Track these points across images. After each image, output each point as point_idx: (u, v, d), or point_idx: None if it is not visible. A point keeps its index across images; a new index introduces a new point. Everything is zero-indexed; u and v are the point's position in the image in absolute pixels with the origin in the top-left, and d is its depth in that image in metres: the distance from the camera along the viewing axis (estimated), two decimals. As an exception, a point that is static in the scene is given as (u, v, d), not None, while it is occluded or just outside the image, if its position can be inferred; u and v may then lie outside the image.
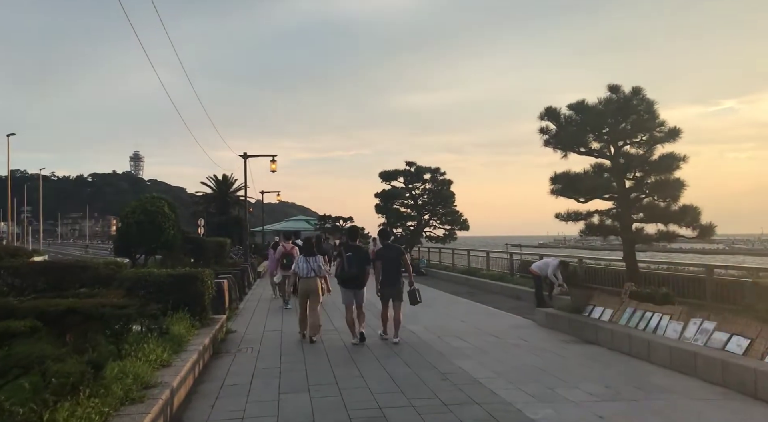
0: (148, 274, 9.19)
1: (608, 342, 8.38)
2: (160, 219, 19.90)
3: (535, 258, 18.03)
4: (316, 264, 9.30)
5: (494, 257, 20.65)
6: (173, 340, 7.18)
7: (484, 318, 11.66)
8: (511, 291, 16.28)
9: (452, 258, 24.83)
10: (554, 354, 8.06)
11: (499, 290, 17.06)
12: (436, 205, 29.56)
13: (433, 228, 30.52)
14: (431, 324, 10.92)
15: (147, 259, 22.05)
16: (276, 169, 27.33)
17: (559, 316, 9.96)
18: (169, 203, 21.28)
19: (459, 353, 8.14)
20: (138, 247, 21.37)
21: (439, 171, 29.40)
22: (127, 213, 20.33)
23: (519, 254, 19.98)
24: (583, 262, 14.24)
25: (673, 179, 9.16)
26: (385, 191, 29.56)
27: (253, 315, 12.79)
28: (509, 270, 18.47)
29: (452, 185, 29.34)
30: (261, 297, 17.28)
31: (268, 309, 13.87)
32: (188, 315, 8.69)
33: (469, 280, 19.82)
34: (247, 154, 27.22)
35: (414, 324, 10.91)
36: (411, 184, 29.72)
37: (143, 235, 19.79)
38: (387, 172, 29.76)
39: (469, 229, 29.43)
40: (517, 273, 18.30)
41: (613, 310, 8.98)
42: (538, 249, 72.23)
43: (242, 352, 8.61)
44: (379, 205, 29.81)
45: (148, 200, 20.72)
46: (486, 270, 20.15)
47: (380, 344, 8.95)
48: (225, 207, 60.55)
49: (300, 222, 71.29)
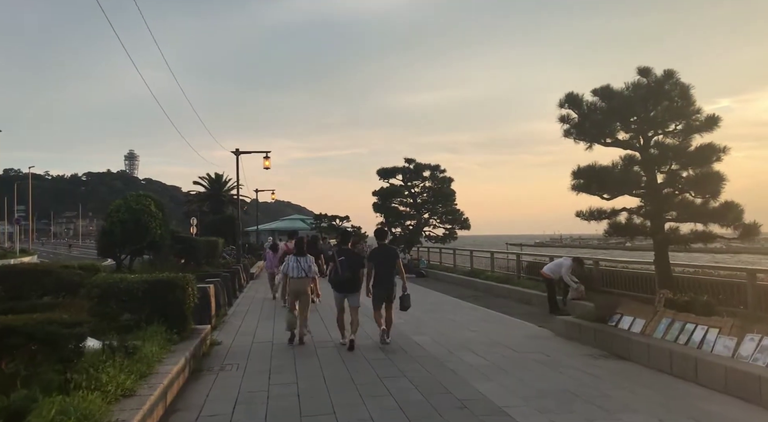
0: (120, 281, 8.11)
1: (643, 358, 7.36)
2: (146, 218, 18.80)
3: (545, 260, 17.04)
4: (307, 265, 9.14)
5: (500, 258, 19.61)
6: (143, 361, 6.11)
7: (495, 327, 10.62)
8: (519, 295, 15.25)
9: (453, 259, 23.79)
10: (584, 372, 7.02)
11: (506, 294, 16.03)
12: (436, 204, 28.57)
13: (433, 227, 29.53)
14: (438, 334, 9.88)
15: (132, 260, 20.98)
16: (270, 165, 26.25)
17: (582, 326, 8.93)
18: (155, 201, 20.16)
19: (475, 372, 7.09)
20: (123, 248, 20.32)
21: (439, 168, 28.39)
22: (111, 211, 19.21)
23: (526, 255, 18.91)
24: (599, 264, 13.20)
25: (713, 172, 8.13)
26: (384, 189, 28.54)
27: (242, 323, 11.72)
28: (516, 273, 17.43)
29: (452, 183, 28.33)
30: (253, 300, 16.21)
31: (259, 315, 12.80)
32: (165, 327, 7.64)
33: (473, 283, 18.79)
34: (239, 150, 26.15)
35: (419, 334, 9.87)
36: (410, 182, 28.71)
37: (128, 235, 18.68)
38: (385, 169, 28.74)
39: (470, 228, 28.43)
40: (524, 275, 17.28)
41: (645, 320, 7.96)
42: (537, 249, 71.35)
43: (226, 370, 7.55)
44: (377, 203, 28.78)
45: (133, 198, 19.60)
46: (491, 272, 19.11)
47: (383, 360, 7.91)
48: (219, 206, 59.41)
49: (296, 221, 70.19)
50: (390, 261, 8.90)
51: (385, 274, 8.82)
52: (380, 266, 8.82)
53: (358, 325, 8.88)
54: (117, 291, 7.91)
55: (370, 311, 9.26)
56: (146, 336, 7.18)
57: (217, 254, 28.27)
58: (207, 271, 25.81)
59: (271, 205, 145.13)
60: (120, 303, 7.90)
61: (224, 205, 58.92)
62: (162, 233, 19.88)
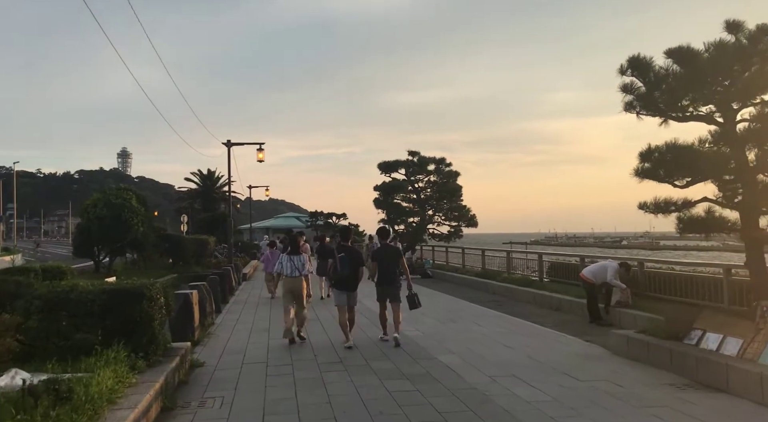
0: (70, 290, 6.32)
1: (753, 391, 5.63)
2: (126, 214, 17.02)
3: (570, 261, 15.36)
4: (300, 263, 9.11)
5: (517, 258, 17.89)
6: (83, 407, 4.34)
7: (533, 342, 8.89)
8: (545, 300, 13.54)
9: (462, 259, 22.05)
10: (681, 413, 5.30)
11: (529, 298, 14.30)
12: (441, 199, 26.78)
13: (437, 224, 27.78)
14: (468, 351, 8.15)
15: (112, 261, 19.16)
16: (263, 158, 24.47)
17: (651, 345, 7.21)
18: (138, 195, 18.38)
19: (537, 414, 5.34)
20: (102, 247, 18.51)
21: (444, 161, 26.63)
22: (88, 206, 17.42)
23: (548, 255, 17.18)
24: (644, 266, 11.48)
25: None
26: (386, 183, 26.74)
27: (231, 336, 9.95)
28: (538, 275, 15.72)
29: (459, 177, 26.57)
30: (245, 305, 14.43)
31: (252, 325, 11.04)
32: (128, 350, 5.88)
33: (488, 285, 17.06)
34: (230, 141, 24.32)
35: (445, 351, 8.13)
36: (414, 176, 26.94)
37: (106, 233, 16.90)
38: (387, 162, 26.95)
39: (477, 226, 26.68)
40: (547, 277, 15.58)
41: (742, 340, 6.25)
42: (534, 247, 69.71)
43: (207, 407, 5.79)
44: (378, 198, 27.01)
45: (112, 192, 17.80)
46: (507, 274, 17.40)
47: (411, 394, 6.16)
48: (211, 203, 57.52)
49: (290, 219, 68.56)
50: (393, 260, 8.87)
51: (389, 273, 8.79)
52: (384, 265, 8.80)
53: (354, 323, 8.99)
54: (66, 304, 6.14)
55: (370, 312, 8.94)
56: (100, 364, 5.42)
57: (207, 253, 26.48)
58: (196, 272, 23.99)
59: (265, 203, 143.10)
60: (71, 319, 6.13)
61: (217, 202, 57.05)
62: (145, 230, 18.11)
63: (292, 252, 9.25)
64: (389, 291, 8.78)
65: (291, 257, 9.15)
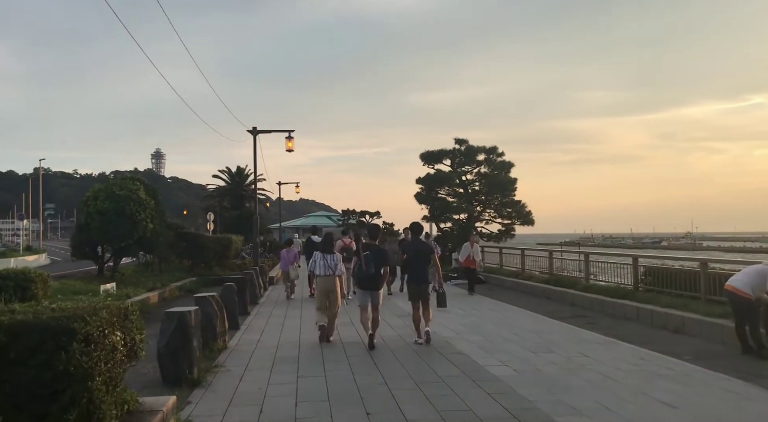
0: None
1: None
2: (132, 208, 14.42)
3: (672, 266, 12.20)
4: (334, 263, 8.85)
5: (598, 262, 14.74)
6: None
7: (690, 391, 5.87)
8: (655, 318, 10.45)
9: (522, 262, 18.96)
10: None
11: (628, 314, 11.20)
12: (492, 194, 23.73)
13: (485, 222, 24.74)
14: (604, 412, 5.18)
15: (117, 263, 16.64)
16: (293, 147, 21.80)
17: None
18: (146, 186, 15.77)
19: None
20: (104, 246, 16.00)
21: (495, 151, 23.57)
22: (87, 199, 14.88)
23: (644, 257, 13.98)
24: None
25: None
26: (429, 175, 23.79)
27: (247, 368, 7.18)
28: (632, 283, 12.58)
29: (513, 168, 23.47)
30: (270, 318, 11.70)
31: (276, 348, 8.28)
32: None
33: (563, 295, 13.99)
34: (257, 128, 21.74)
35: (567, 411, 5.16)
36: (460, 168, 23.93)
37: (108, 230, 14.37)
38: (430, 152, 24.01)
39: (533, 224, 23.55)
40: (642, 286, 12.45)
41: None
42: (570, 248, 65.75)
43: None
44: (420, 192, 24.11)
45: (117, 182, 15.25)
46: (586, 281, 14.30)
47: None
48: (240, 201, 55.39)
49: (321, 218, 66.19)
50: (424, 257, 8.58)
51: (419, 269, 8.58)
52: (413, 261, 8.59)
53: (378, 324, 8.57)
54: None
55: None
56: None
57: (230, 254, 23.91)
58: (218, 275, 21.51)
59: (296, 203, 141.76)
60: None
61: (246, 200, 54.88)
62: (155, 227, 15.52)
63: (326, 250, 8.88)
64: (420, 290, 8.51)
65: (325, 256, 8.81)
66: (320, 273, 8.79)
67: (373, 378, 6.56)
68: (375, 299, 8.49)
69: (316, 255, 8.97)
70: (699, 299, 10.27)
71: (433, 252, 8.76)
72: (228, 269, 22.73)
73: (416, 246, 8.74)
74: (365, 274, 8.39)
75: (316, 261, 8.89)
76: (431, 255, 8.64)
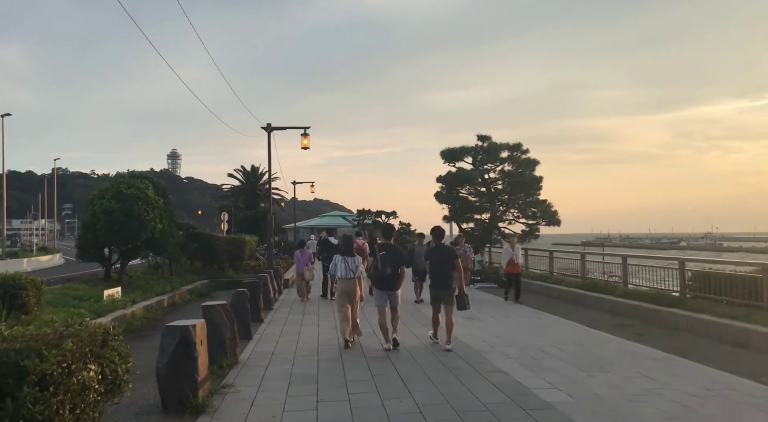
0: None
1: None
2: (140, 208, 13.63)
3: (723, 270, 11.15)
4: (354, 265, 8.62)
5: (636, 265, 13.65)
6: None
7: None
8: (712, 330, 9.38)
9: (550, 265, 17.89)
10: None
11: (679, 324, 10.14)
12: (516, 193, 22.69)
13: (508, 223, 23.70)
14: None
15: (125, 265, 15.89)
16: (308, 144, 20.94)
17: None
18: (156, 184, 15.00)
19: None
20: (111, 248, 15.24)
21: (520, 147, 22.51)
22: (93, 198, 14.12)
23: (691, 260, 12.88)
24: None
25: None
26: (451, 174, 22.81)
27: (260, 388, 6.31)
28: (680, 289, 11.51)
29: (538, 166, 22.42)
30: (285, 324, 10.83)
31: (292, 362, 7.39)
32: None
33: (601, 302, 12.89)
34: (271, 125, 20.94)
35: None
36: (483, 166, 22.93)
37: (115, 231, 13.61)
38: (451, 149, 23.05)
39: (559, 225, 22.48)
40: (689, 292, 11.38)
41: None
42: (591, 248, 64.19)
43: None
44: (440, 192, 23.13)
45: (124, 180, 14.49)
46: (624, 286, 13.24)
47: None
48: (254, 200, 54.71)
49: (336, 218, 65.40)
50: (447, 261, 8.43)
51: (442, 274, 8.41)
52: (436, 265, 8.49)
53: (398, 321, 8.56)
54: None
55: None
56: None
57: (244, 255, 23.12)
58: (231, 278, 20.67)
59: (310, 203, 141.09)
60: None
61: (261, 199, 54.19)
62: (165, 227, 14.74)
63: (346, 253, 8.73)
64: (442, 295, 8.37)
65: (345, 258, 8.66)
66: (341, 276, 8.64)
67: (405, 404, 5.64)
68: (394, 300, 8.43)
69: (337, 258, 8.79)
70: (761, 308, 9.22)
71: (456, 257, 8.58)
72: (242, 271, 21.96)
73: (439, 250, 8.63)
74: (381, 274, 8.32)
75: (336, 264, 8.70)
76: (454, 260, 8.46)
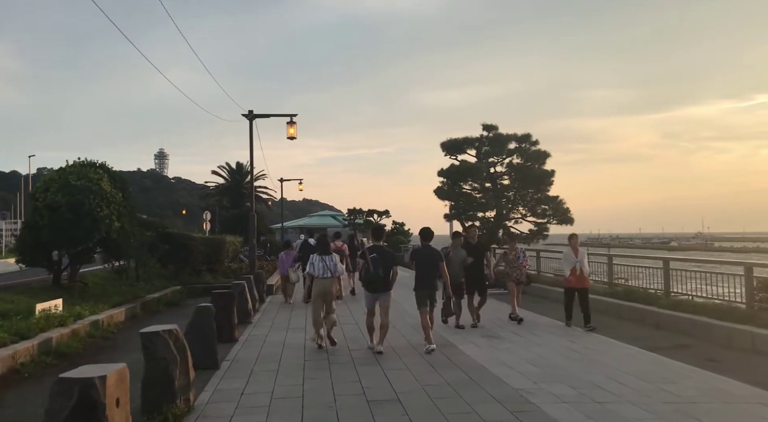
0: None
1: None
2: (92, 203, 11.38)
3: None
4: (332, 264, 8.67)
5: (680, 270, 11.59)
6: None
7: None
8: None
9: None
10: None
11: (760, 346, 8.12)
12: (524, 188, 20.65)
13: (515, 221, 21.67)
14: None
15: (76, 271, 13.53)
16: (295, 134, 18.78)
17: None
18: (113, 175, 12.72)
19: None
20: (59, 250, 12.91)
21: (529, 138, 20.48)
22: (37, 191, 11.84)
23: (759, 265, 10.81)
24: None
25: None
26: (453, 167, 20.73)
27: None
28: (746, 299, 9.48)
29: (548, 159, 20.38)
30: (263, 347, 8.51)
31: (269, 401, 5.22)
32: None
33: (643, 314, 10.82)
34: (252, 112, 18.75)
35: None
36: (488, 158, 20.88)
37: (62, 230, 11.35)
38: (454, 140, 20.99)
39: (572, 223, 20.47)
40: (756, 303, 9.35)
41: None
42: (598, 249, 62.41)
43: None
44: (441, 187, 21.05)
45: (74, 170, 12.22)
46: (666, 295, 11.19)
47: None
48: (240, 199, 52.38)
49: (326, 217, 63.19)
50: (433, 263, 8.55)
51: (427, 276, 8.52)
52: (422, 267, 8.57)
53: (388, 329, 8.39)
54: None
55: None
56: None
57: (223, 257, 20.86)
58: (208, 283, 18.32)
59: (299, 203, 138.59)
60: None
61: (246, 198, 51.83)
62: (124, 226, 12.51)
63: (323, 252, 8.76)
64: (429, 295, 8.43)
65: (323, 257, 8.67)
66: (319, 275, 8.55)
67: None
68: (384, 302, 8.29)
69: (314, 257, 8.74)
70: None
71: (442, 259, 8.62)
72: (221, 275, 19.72)
73: (425, 251, 8.68)
74: (372, 276, 8.23)
75: (313, 264, 8.64)
76: (440, 262, 8.53)
